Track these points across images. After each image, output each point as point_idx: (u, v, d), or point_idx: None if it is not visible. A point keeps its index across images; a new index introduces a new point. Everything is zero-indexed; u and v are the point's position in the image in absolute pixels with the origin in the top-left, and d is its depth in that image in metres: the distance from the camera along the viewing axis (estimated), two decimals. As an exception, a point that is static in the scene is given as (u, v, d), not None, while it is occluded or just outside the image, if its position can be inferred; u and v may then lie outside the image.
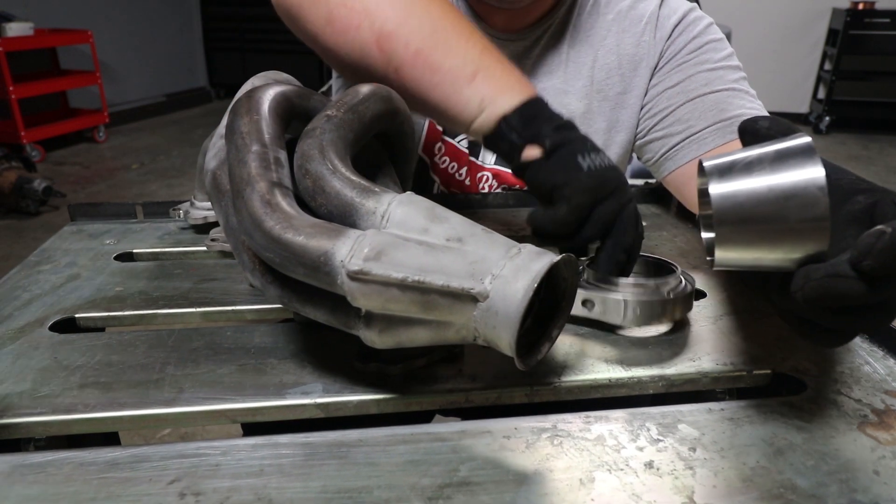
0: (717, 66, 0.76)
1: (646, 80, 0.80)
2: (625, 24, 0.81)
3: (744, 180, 0.34)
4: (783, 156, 0.34)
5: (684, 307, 0.50)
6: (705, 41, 0.78)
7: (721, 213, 0.34)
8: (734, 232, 0.34)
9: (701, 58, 0.77)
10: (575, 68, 0.81)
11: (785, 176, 0.33)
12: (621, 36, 0.80)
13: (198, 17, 5.81)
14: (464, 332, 0.37)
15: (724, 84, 0.75)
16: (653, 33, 0.80)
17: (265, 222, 0.38)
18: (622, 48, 0.80)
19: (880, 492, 0.35)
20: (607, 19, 0.81)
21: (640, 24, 0.80)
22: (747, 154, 0.35)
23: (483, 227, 0.38)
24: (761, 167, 0.34)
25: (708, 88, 0.75)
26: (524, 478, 0.36)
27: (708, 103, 0.75)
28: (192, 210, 0.71)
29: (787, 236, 0.34)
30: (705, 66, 0.77)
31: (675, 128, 0.77)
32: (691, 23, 0.79)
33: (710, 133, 0.74)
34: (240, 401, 0.42)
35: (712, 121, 0.74)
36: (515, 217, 0.80)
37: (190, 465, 0.37)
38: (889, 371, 0.47)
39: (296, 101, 0.48)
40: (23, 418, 0.41)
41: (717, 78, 0.76)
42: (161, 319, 0.55)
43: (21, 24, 3.81)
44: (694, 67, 0.77)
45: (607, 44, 0.80)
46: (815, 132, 4.78)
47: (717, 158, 0.36)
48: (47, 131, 3.96)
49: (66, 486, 0.35)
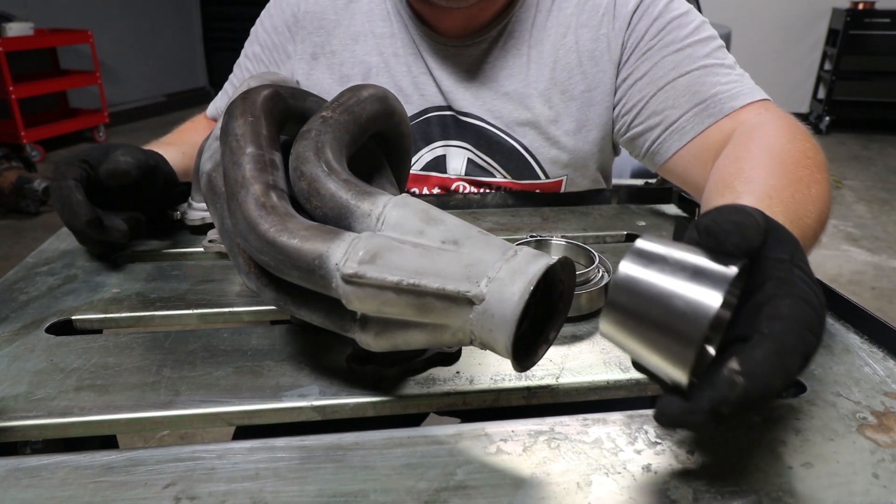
0: (684, 45, 0.73)
1: (610, 75, 0.77)
2: (582, 18, 0.77)
3: (654, 274, 0.33)
4: (700, 273, 0.33)
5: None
6: (667, 20, 0.74)
7: (614, 291, 0.34)
8: (619, 315, 0.34)
9: (665, 40, 0.73)
10: (537, 69, 0.78)
11: (685, 292, 0.32)
12: (580, 31, 0.77)
13: (198, 17, 5.80)
14: (460, 334, 0.37)
15: (694, 63, 0.72)
16: (611, 24, 0.76)
17: (260, 225, 0.37)
18: (581, 44, 0.77)
19: (879, 495, 0.35)
20: (566, 14, 0.78)
21: (598, 16, 0.77)
22: (677, 253, 0.34)
23: (479, 229, 0.38)
24: (674, 272, 0.33)
25: (676, 73, 0.72)
26: (521, 481, 0.36)
27: (679, 89, 0.72)
28: (189, 211, 0.71)
29: (659, 348, 0.33)
30: (671, 49, 0.73)
31: (653, 120, 0.74)
32: (651, 4, 0.75)
33: (687, 121, 0.71)
34: (236, 403, 0.42)
35: (687, 107, 0.71)
36: (515, 217, 0.80)
37: (185, 469, 0.37)
38: (889, 373, 0.47)
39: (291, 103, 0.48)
40: (19, 421, 0.41)
41: (686, 58, 0.72)
42: (158, 321, 0.55)
43: (21, 24, 3.81)
44: (659, 53, 0.73)
45: (567, 42, 0.77)
46: (816, 132, 4.77)
47: (651, 242, 0.35)
48: (47, 131, 3.96)
49: (61, 490, 0.35)
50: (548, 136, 0.80)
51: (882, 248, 2.85)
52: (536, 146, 0.80)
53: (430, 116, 0.82)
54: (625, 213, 0.82)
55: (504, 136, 0.80)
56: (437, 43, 0.79)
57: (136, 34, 5.11)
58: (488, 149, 0.82)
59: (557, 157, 0.81)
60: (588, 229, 0.76)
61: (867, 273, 2.61)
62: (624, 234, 0.74)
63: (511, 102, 0.79)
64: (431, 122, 0.82)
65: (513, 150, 0.81)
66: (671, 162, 0.74)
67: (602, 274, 0.55)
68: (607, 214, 0.81)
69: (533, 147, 0.80)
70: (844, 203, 3.37)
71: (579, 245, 0.59)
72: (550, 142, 0.80)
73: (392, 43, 0.81)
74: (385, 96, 0.50)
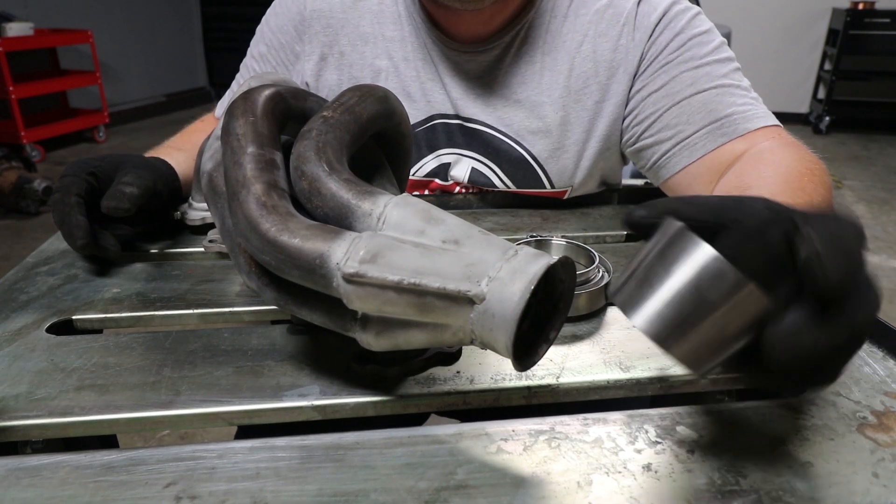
0: (703, 63, 0.72)
1: (624, 86, 0.76)
2: (601, 27, 0.75)
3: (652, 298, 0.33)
4: (665, 255, 0.33)
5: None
6: (689, 36, 0.73)
7: (655, 336, 0.33)
8: (678, 340, 0.33)
9: (685, 55, 0.73)
10: (551, 77, 0.77)
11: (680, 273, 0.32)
12: (598, 40, 0.75)
13: (198, 17, 5.80)
14: (461, 334, 0.37)
15: (712, 82, 0.71)
16: (631, 35, 0.74)
17: (261, 225, 0.38)
18: (599, 53, 0.76)
19: (879, 494, 0.35)
20: (584, 21, 0.76)
21: (618, 26, 0.75)
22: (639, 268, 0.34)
23: (480, 229, 0.38)
24: (657, 277, 0.33)
25: (694, 89, 0.71)
26: (521, 481, 0.36)
27: (695, 105, 0.71)
28: (189, 211, 0.71)
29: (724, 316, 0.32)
30: (690, 65, 0.72)
31: (665, 134, 0.74)
32: (673, 18, 0.74)
33: (699, 138, 0.71)
34: (237, 403, 0.42)
35: (701, 124, 0.71)
36: (515, 217, 0.80)
37: (186, 469, 0.37)
38: (889, 372, 0.47)
39: (292, 103, 0.48)
40: (19, 421, 0.41)
41: (704, 76, 0.71)
42: (158, 321, 0.55)
43: (21, 24, 3.81)
44: (677, 67, 0.73)
45: (584, 50, 0.76)
46: (815, 132, 4.78)
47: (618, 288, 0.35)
48: (47, 131, 3.95)
49: (61, 489, 0.35)
50: (558, 146, 0.78)
51: (882, 248, 2.85)
52: (546, 156, 0.79)
53: (436, 124, 0.81)
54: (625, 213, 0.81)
55: (513, 144, 0.79)
56: (450, 48, 0.78)
57: (136, 34, 5.11)
58: (496, 157, 0.80)
59: (566, 167, 0.80)
60: (588, 229, 0.76)
61: (867, 273, 2.61)
62: (624, 234, 0.74)
63: (523, 110, 0.78)
64: (437, 129, 0.81)
65: (521, 159, 0.80)
66: (677, 177, 0.74)
67: (602, 274, 0.55)
68: (607, 214, 0.81)
69: (542, 157, 0.79)
70: (844, 203, 3.38)
71: (579, 245, 0.59)
72: (560, 151, 0.79)
73: (402, 46, 0.80)
74: (386, 96, 0.50)
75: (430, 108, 0.80)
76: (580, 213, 0.82)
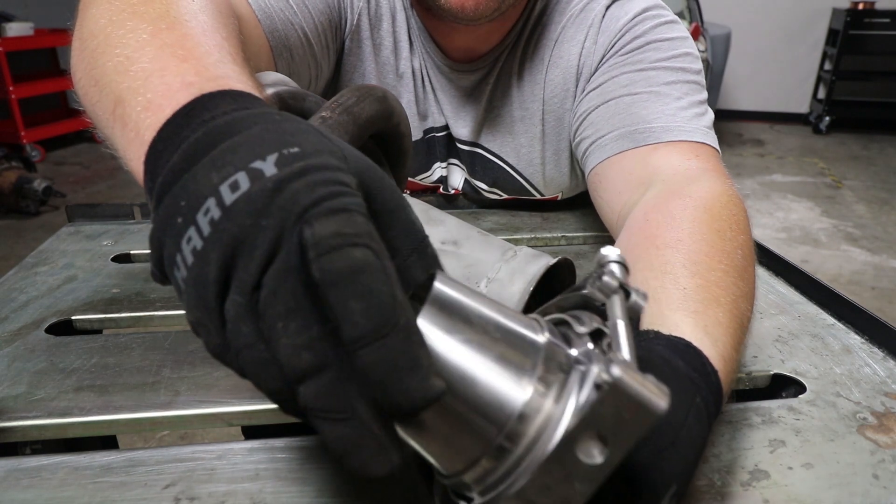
0: (649, 67, 0.66)
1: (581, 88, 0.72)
2: (570, 32, 0.71)
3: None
4: None
5: None
6: (648, 41, 0.67)
7: None
8: None
9: (635, 58, 0.67)
10: (529, 90, 0.74)
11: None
12: (566, 45, 0.71)
13: (198, 17, 5.80)
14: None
15: (648, 87, 0.65)
16: (595, 38, 0.70)
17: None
18: (566, 59, 0.71)
19: (879, 495, 0.35)
20: (559, 27, 0.72)
21: (584, 29, 0.70)
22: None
23: (479, 230, 0.38)
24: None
25: (626, 91, 0.66)
26: (521, 482, 0.36)
27: (621, 106, 0.65)
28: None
29: None
30: (634, 67, 0.66)
31: (587, 132, 0.68)
32: (639, 23, 0.68)
33: (610, 139, 0.65)
34: (236, 404, 0.42)
35: (616, 126, 0.65)
36: (515, 217, 0.80)
37: (185, 470, 0.37)
38: (889, 373, 0.47)
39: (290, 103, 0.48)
40: (19, 422, 0.41)
41: (643, 79, 0.66)
42: (157, 321, 0.55)
43: (21, 24, 3.82)
44: (621, 68, 0.67)
45: (554, 56, 0.72)
46: (816, 132, 4.78)
47: None
48: (47, 131, 3.96)
49: (60, 490, 0.35)
50: (540, 159, 0.77)
51: (882, 248, 2.85)
52: (531, 171, 0.78)
53: (431, 138, 0.81)
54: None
55: (497, 160, 0.79)
56: (445, 65, 0.77)
57: (136, 34, 5.11)
58: (483, 175, 0.80)
59: (551, 178, 0.79)
60: (588, 229, 0.76)
61: (867, 273, 2.61)
62: (624, 234, 0.74)
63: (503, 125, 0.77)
64: (432, 143, 0.81)
65: (507, 175, 0.79)
66: (589, 177, 0.69)
67: None
68: (607, 214, 0.81)
69: (526, 172, 0.79)
70: (844, 203, 3.38)
71: None
72: (542, 164, 0.78)
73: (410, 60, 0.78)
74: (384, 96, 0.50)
75: (426, 123, 0.80)
76: (580, 213, 0.82)
